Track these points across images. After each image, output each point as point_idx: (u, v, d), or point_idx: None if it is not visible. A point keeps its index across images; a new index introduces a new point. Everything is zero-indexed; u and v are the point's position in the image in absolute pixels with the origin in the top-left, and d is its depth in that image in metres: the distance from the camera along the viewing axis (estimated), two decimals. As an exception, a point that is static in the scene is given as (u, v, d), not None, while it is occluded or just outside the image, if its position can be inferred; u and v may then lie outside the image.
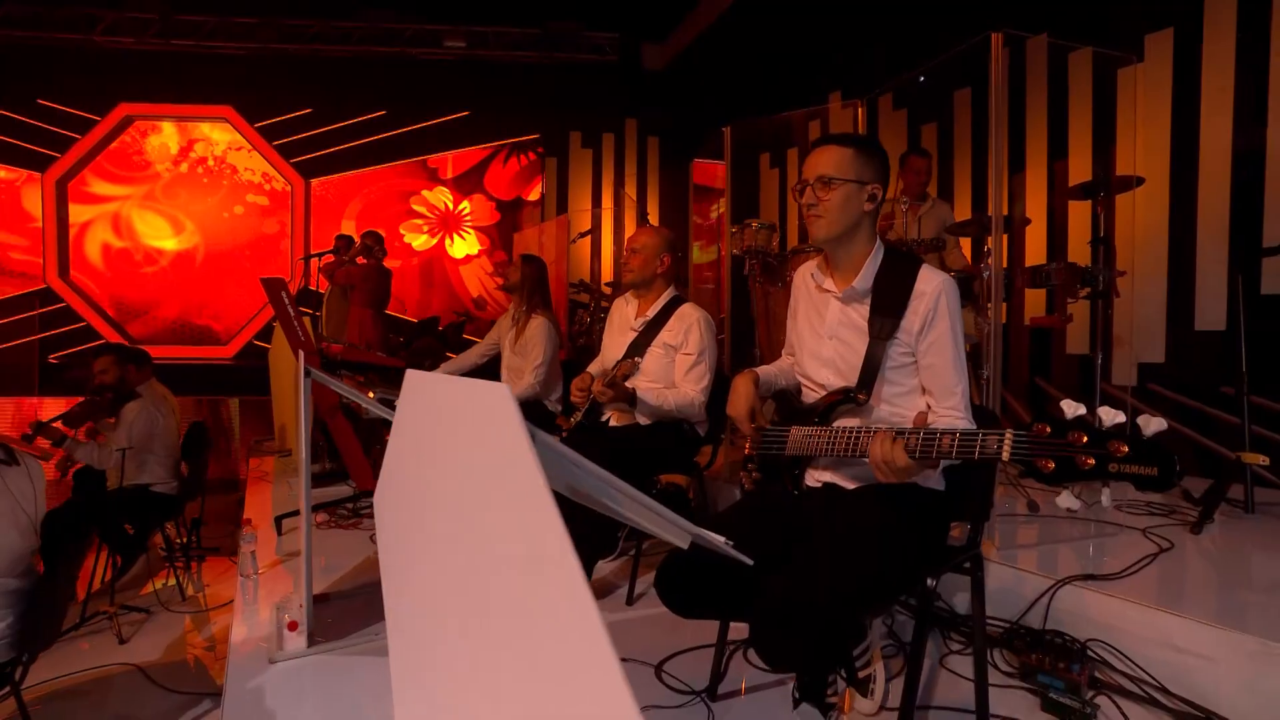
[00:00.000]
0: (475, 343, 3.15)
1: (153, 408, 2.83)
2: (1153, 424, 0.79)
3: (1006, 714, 1.32)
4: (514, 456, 0.50)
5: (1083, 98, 4.84)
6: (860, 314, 1.25)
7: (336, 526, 2.67)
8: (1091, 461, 0.80)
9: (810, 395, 1.37)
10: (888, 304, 1.21)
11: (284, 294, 2.48)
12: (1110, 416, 0.81)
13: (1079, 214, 4.61)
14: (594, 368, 2.25)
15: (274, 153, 8.62)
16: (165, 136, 8.52)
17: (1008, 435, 0.90)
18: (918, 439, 1.02)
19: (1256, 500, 2.06)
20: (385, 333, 4.68)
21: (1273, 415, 3.31)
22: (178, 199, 8.41)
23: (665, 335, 1.99)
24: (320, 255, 4.17)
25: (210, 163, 8.55)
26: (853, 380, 1.24)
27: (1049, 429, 0.85)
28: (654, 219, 8.85)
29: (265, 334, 8.48)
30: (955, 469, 1.27)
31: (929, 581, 1.09)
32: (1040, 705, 1.37)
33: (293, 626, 1.70)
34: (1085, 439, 0.81)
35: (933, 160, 3.25)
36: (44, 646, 1.59)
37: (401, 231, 8.74)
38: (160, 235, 8.30)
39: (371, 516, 2.69)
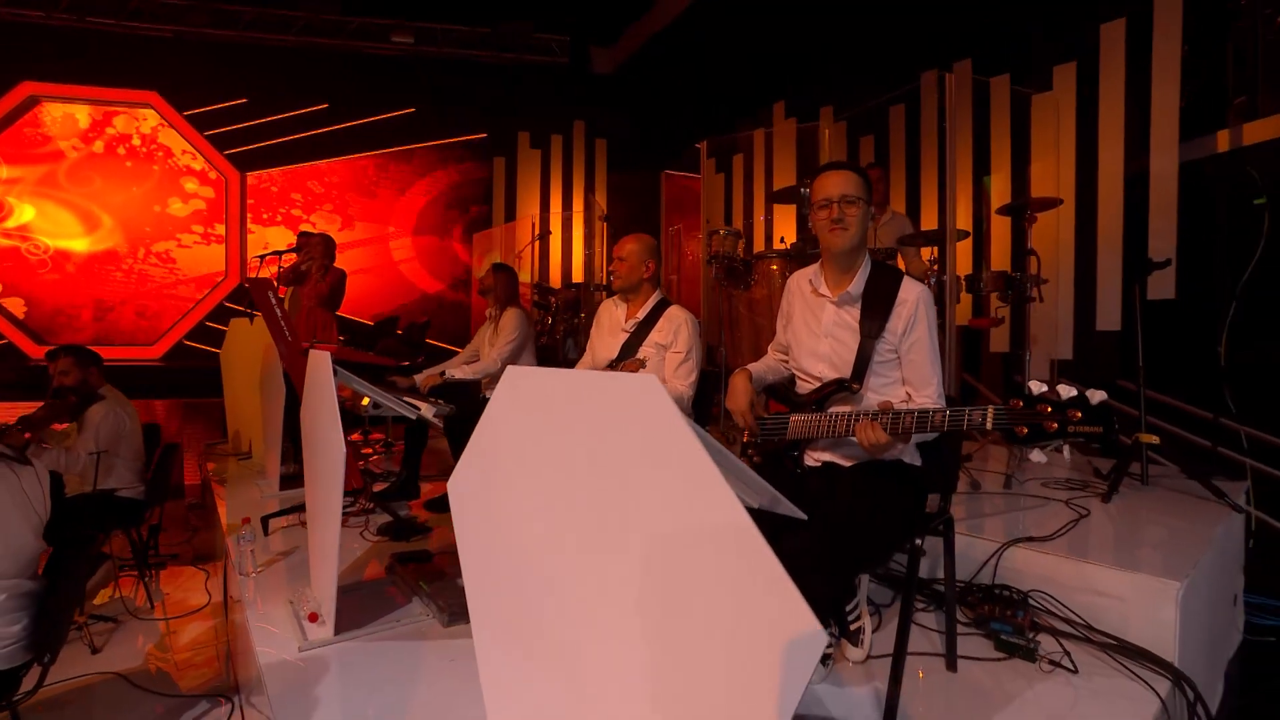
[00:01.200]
0: (444, 345, 3.23)
1: (119, 409, 2.75)
2: (1096, 396, 1.03)
3: (968, 654, 1.57)
4: (676, 436, 0.65)
5: (1002, 120, 5.35)
6: (852, 316, 1.47)
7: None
8: (1055, 425, 1.05)
9: (805, 386, 1.58)
10: (876, 309, 1.43)
11: (271, 295, 2.48)
12: (1066, 391, 1.05)
13: (1000, 227, 5.11)
14: (582, 367, 2.39)
15: (205, 143, 8.16)
16: (75, 109, 7.79)
17: (990, 409, 1.14)
18: (889, 418, 1.26)
19: (1150, 474, 2.45)
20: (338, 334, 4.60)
21: (1161, 405, 3.83)
22: (90, 185, 7.78)
23: (656, 335, 2.16)
24: (281, 254, 4.07)
25: (136, 142, 7.95)
26: (846, 373, 1.45)
27: (1021, 403, 1.08)
28: (599, 220, 8.94)
29: (198, 334, 8.04)
30: (929, 451, 1.50)
31: (917, 541, 1.32)
32: (994, 646, 1.63)
33: (313, 618, 1.76)
34: (1049, 409, 1.05)
35: (884, 171, 3.57)
36: (55, 650, 1.58)
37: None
38: (66, 232, 7.68)
39: (357, 514, 2.72)
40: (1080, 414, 1.02)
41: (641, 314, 2.21)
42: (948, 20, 5.59)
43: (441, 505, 2.92)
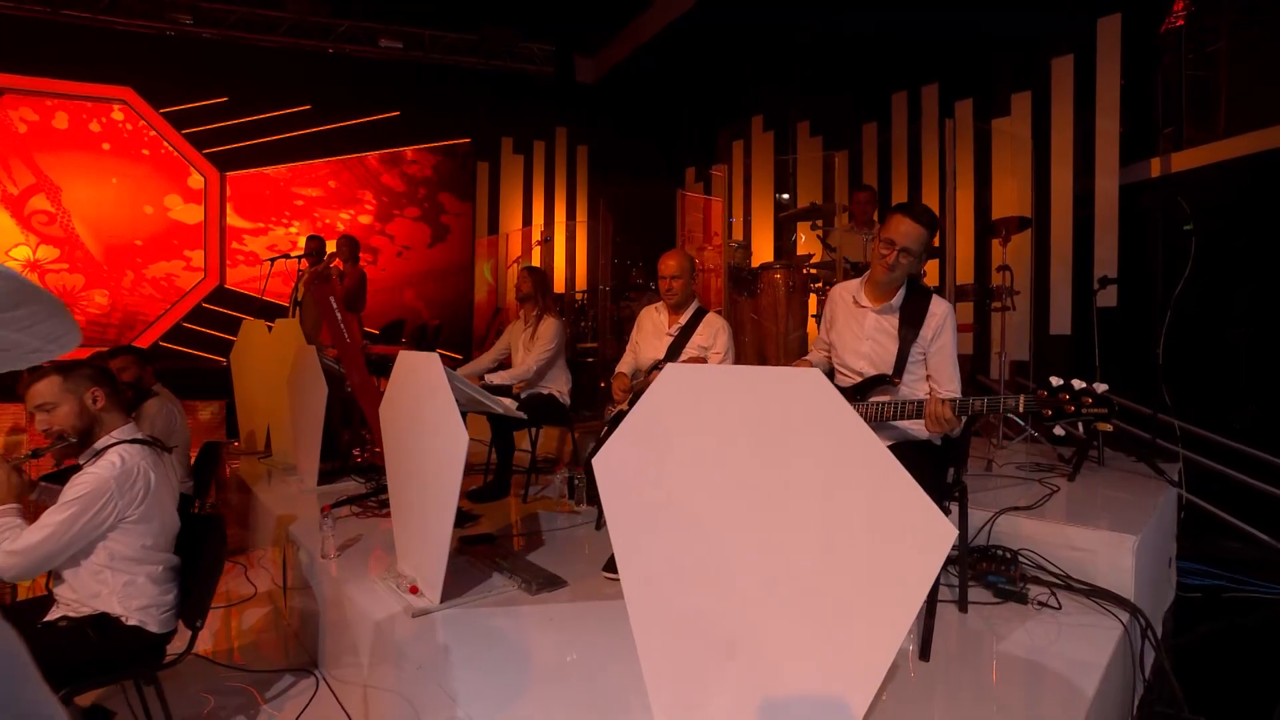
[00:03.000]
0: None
1: (170, 406, 2.87)
2: (1101, 387, 1.40)
3: (975, 600, 1.93)
4: (844, 421, 0.96)
5: (965, 141, 5.85)
6: (891, 324, 1.81)
7: (372, 515, 2.88)
8: (1072, 408, 1.41)
9: (844, 380, 1.92)
10: (912, 319, 1.77)
11: (332, 299, 2.67)
12: (1078, 384, 1.42)
13: (965, 242, 5.61)
14: (625, 366, 2.68)
15: (184, 141, 8.05)
16: (54, 129, 7.59)
17: (1021, 397, 1.50)
18: (951, 404, 1.60)
19: (1106, 456, 2.90)
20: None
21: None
22: (65, 182, 7.58)
23: (698, 338, 2.47)
24: (301, 258, 4.19)
25: (122, 124, 7.73)
26: (884, 369, 1.80)
27: (1045, 392, 1.45)
28: (582, 227, 9.15)
29: (175, 336, 7.91)
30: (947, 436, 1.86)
31: (945, 505, 1.66)
32: (993, 594, 1.99)
33: (414, 590, 1.99)
34: (1067, 397, 1.42)
35: (874, 193, 3.97)
36: (204, 616, 1.77)
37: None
38: (41, 231, 7.47)
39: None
40: (1090, 400, 1.38)
41: (684, 319, 2.52)
42: (916, 47, 6.07)
43: (479, 496, 3.15)
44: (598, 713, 1.39)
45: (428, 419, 1.89)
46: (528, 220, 9.13)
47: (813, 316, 3.63)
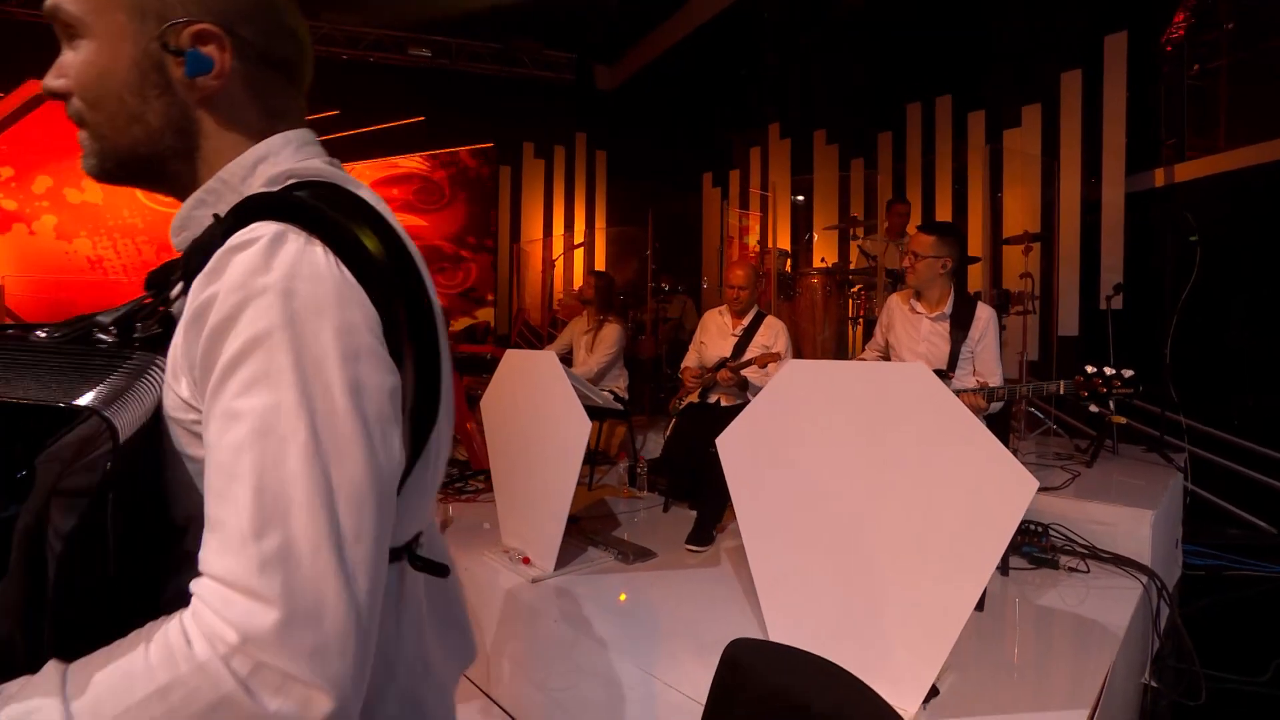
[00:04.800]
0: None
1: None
2: (1128, 372, 1.71)
3: (1014, 566, 2.24)
4: (944, 400, 1.26)
5: (978, 150, 6.14)
6: (943, 328, 2.12)
7: (450, 500, 3.17)
8: (1105, 389, 1.72)
9: (901, 379, 2.22)
10: (961, 323, 2.08)
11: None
12: (1110, 371, 1.73)
13: (977, 249, 5.91)
14: (690, 362, 2.97)
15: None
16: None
17: (1061, 382, 1.81)
18: (983, 393, 1.91)
19: (1120, 445, 3.22)
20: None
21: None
22: (95, 184, 7.86)
23: (760, 338, 2.77)
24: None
25: None
26: (940, 365, 2.10)
27: (1082, 378, 1.76)
28: (601, 231, 9.44)
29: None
30: (991, 420, 2.16)
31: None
32: (1028, 562, 2.30)
33: (526, 560, 2.29)
34: (1100, 380, 1.72)
35: (911, 206, 4.28)
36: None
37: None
38: (68, 233, 7.74)
39: (487, 490, 3.21)
40: (1119, 382, 1.70)
41: (746, 322, 2.82)
42: (931, 60, 6.37)
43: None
44: (710, 651, 1.68)
45: (547, 410, 2.18)
46: (549, 222, 9.41)
47: (850, 319, 3.92)
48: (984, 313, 2.08)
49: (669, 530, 2.70)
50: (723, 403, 2.78)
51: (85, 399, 0.45)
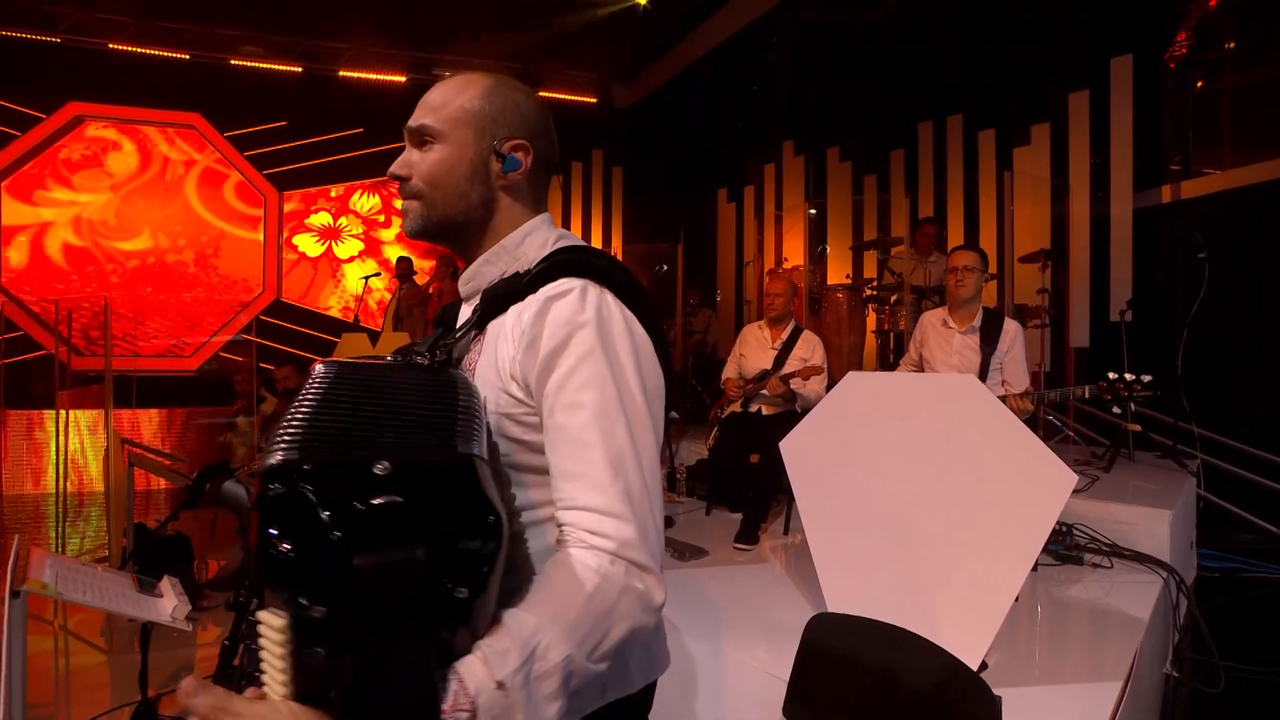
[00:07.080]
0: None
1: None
2: (1146, 377, 1.89)
3: (1041, 563, 2.40)
4: (999, 414, 1.44)
5: (989, 167, 6.33)
6: (973, 341, 2.31)
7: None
8: (1125, 393, 1.90)
9: (935, 388, 2.40)
10: (990, 337, 2.27)
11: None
12: (1131, 376, 1.91)
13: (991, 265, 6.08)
14: (730, 373, 3.16)
15: (246, 163, 8.59)
16: (125, 153, 8.22)
17: (1087, 387, 1.99)
18: (1030, 397, 2.10)
19: (1135, 452, 3.39)
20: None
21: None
22: (137, 204, 8.14)
23: (799, 351, 2.96)
24: (395, 278, 4.68)
25: (175, 156, 8.34)
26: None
27: (1105, 384, 1.94)
28: (617, 241, 9.69)
29: (230, 347, 8.37)
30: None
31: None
32: (1053, 559, 2.46)
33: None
34: (1122, 385, 1.91)
35: (940, 226, 4.48)
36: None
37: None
38: (121, 238, 8.02)
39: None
40: (1139, 386, 1.89)
41: (785, 335, 3.01)
42: (942, 80, 6.59)
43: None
44: (777, 632, 1.86)
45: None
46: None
47: (871, 333, 4.11)
48: (1011, 326, 2.27)
49: (715, 531, 2.87)
50: (764, 412, 2.97)
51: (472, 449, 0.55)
